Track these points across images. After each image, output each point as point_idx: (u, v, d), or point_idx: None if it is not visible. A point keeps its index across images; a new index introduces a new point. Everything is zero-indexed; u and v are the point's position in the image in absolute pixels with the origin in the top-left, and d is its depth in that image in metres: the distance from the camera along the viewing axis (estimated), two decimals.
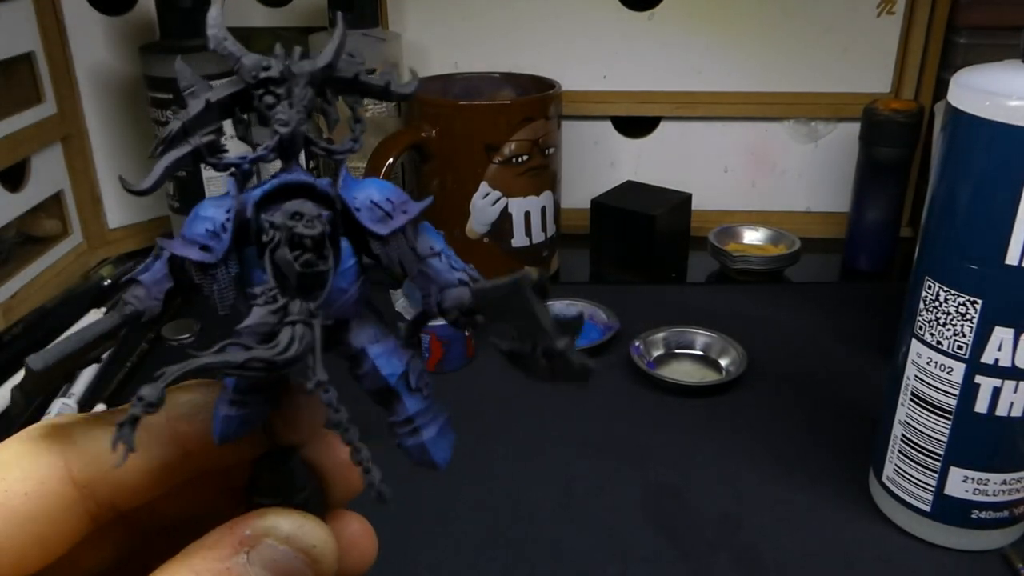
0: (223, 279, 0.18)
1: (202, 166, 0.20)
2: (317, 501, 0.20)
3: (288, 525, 0.19)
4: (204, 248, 0.18)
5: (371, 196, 0.19)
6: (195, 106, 0.18)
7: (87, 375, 0.56)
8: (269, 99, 0.19)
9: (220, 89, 0.18)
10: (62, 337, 0.17)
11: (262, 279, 0.18)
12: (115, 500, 0.20)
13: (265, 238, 0.18)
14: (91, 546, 0.21)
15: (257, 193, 0.18)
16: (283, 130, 0.19)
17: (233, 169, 0.19)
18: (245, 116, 0.19)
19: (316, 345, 0.17)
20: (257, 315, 0.17)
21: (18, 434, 0.20)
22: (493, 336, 0.21)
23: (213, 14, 0.18)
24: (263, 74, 0.18)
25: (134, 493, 0.20)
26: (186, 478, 0.21)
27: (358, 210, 0.19)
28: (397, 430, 0.21)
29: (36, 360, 0.17)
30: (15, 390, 0.18)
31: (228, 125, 0.20)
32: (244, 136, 0.19)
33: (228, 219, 0.18)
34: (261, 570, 0.18)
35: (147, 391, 0.16)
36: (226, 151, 0.18)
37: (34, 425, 0.20)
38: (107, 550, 0.22)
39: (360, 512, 0.22)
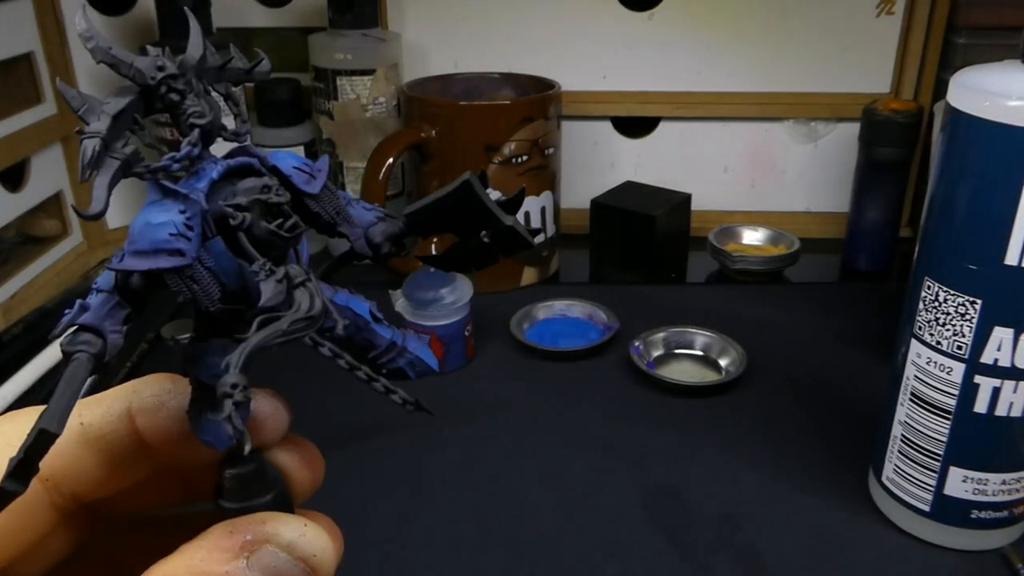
0: (202, 277, 0.18)
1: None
2: (284, 502, 0.20)
3: (289, 532, 0.18)
4: (174, 252, 0.18)
5: (292, 163, 0.21)
6: (102, 121, 0.17)
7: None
8: (173, 96, 0.19)
9: (118, 99, 0.18)
10: (55, 398, 0.17)
11: (230, 267, 0.18)
12: (77, 492, 0.20)
13: (233, 222, 0.18)
14: (56, 533, 0.21)
15: (204, 184, 0.19)
16: (201, 122, 0.19)
17: (162, 173, 0.19)
18: (140, 122, 0.19)
19: (325, 295, 0.19)
20: (269, 289, 0.18)
21: None
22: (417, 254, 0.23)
23: (83, 27, 0.18)
24: (161, 73, 0.18)
25: (95, 485, 0.20)
26: (147, 474, 0.21)
27: (290, 176, 0.20)
28: (384, 359, 0.22)
29: (52, 423, 0.16)
30: (15, 473, 0.17)
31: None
32: (154, 139, 0.19)
33: (189, 217, 0.18)
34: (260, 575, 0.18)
35: (233, 378, 0.16)
36: (143, 159, 0.18)
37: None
38: (72, 536, 0.22)
39: (329, 512, 0.22)
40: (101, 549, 0.23)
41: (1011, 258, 0.35)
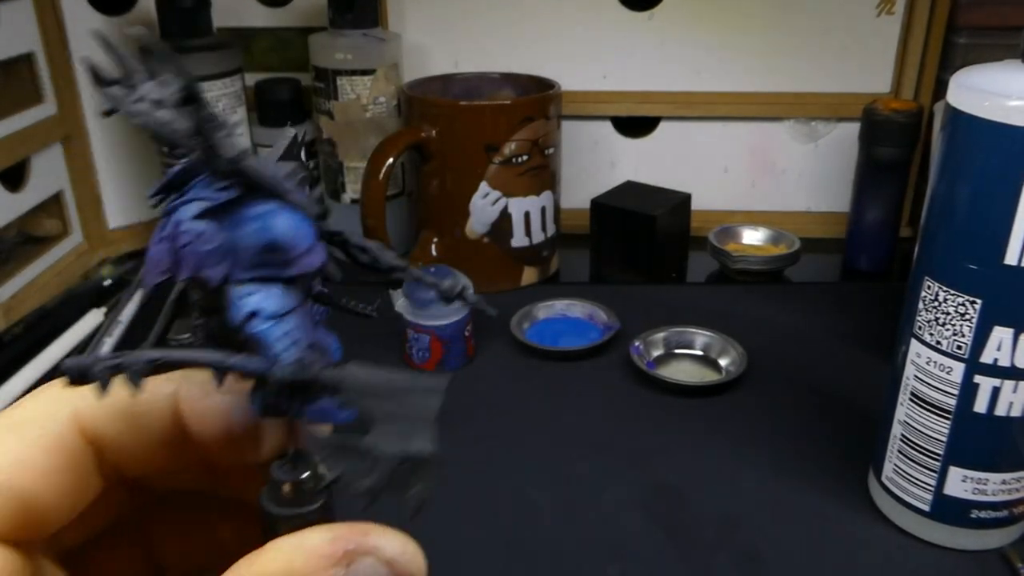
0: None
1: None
2: (330, 511, 0.20)
3: (392, 548, 0.18)
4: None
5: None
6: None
7: None
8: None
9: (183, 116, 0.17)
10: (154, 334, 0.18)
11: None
12: (119, 463, 0.21)
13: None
14: (98, 504, 0.21)
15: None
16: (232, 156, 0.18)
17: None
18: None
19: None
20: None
21: (33, 393, 0.20)
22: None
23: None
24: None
25: (135, 461, 0.21)
26: (184, 462, 0.21)
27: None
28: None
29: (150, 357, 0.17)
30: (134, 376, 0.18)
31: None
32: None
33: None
34: None
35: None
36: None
37: (47, 384, 0.20)
38: (108, 510, 0.22)
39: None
40: (131, 525, 0.23)
41: (1011, 258, 0.35)
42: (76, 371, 0.17)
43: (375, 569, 0.18)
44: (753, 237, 0.75)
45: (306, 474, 0.19)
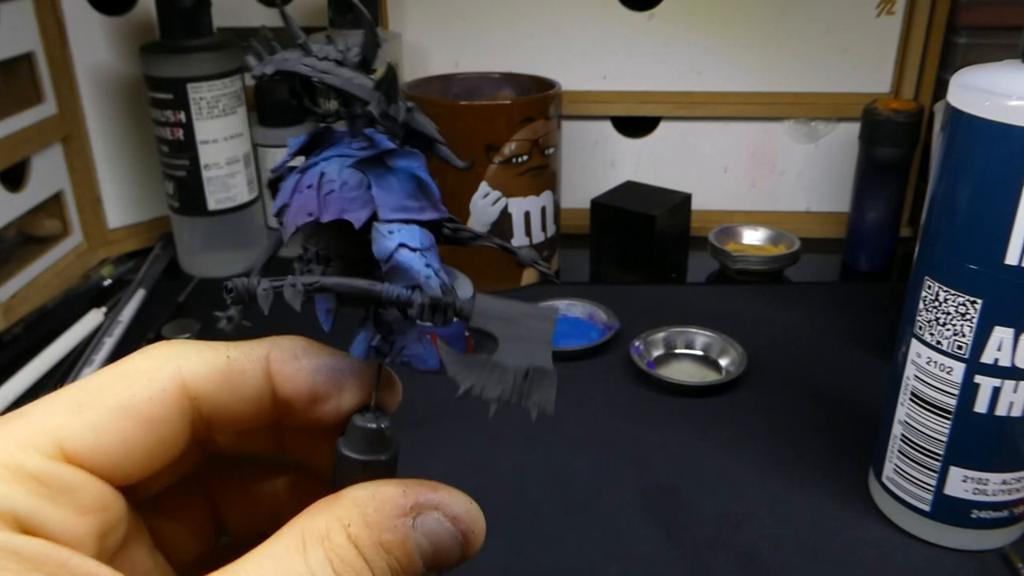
0: None
1: (203, 167, 0.21)
2: (394, 464, 0.22)
3: (457, 505, 0.21)
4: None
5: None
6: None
7: (87, 375, 0.56)
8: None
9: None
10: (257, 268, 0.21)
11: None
12: (213, 419, 0.22)
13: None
14: (176, 460, 0.22)
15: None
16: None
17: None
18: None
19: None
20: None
21: (141, 349, 0.22)
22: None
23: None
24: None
25: (225, 418, 0.22)
26: (270, 420, 0.23)
27: None
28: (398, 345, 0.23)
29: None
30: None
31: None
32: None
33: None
34: (422, 538, 0.20)
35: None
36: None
37: (156, 343, 0.22)
38: (185, 466, 0.24)
39: None
40: (198, 483, 0.25)
41: (1011, 258, 0.35)
42: (244, 290, 0.19)
43: (440, 524, 0.20)
44: (753, 237, 0.75)
45: (385, 423, 0.22)
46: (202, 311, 0.66)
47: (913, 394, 0.41)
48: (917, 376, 0.40)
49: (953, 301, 0.38)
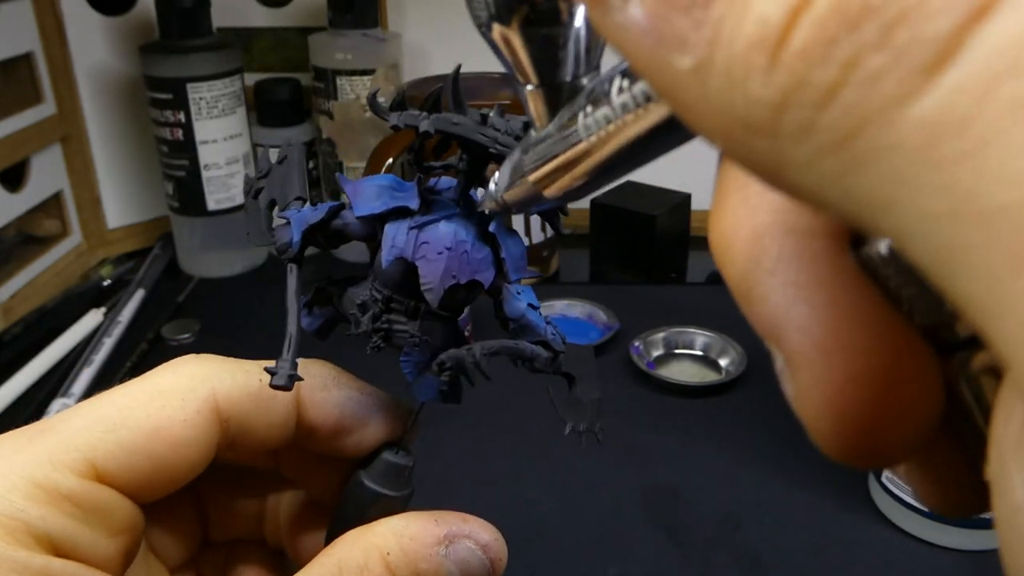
0: None
1: (203, 167, 0.21)
2: (408, 502, 0.23)
3: (487, 535, 0.22)
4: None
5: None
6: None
7: (87, 375, 0.56)
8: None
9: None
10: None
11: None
12: (237, 440, 0.22)
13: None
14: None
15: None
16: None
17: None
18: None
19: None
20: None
21: (170, 364, 0.22)
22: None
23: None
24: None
25: (251, 440, 0.22)
26: (290, 444, 0.23)
27: None
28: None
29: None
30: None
31: None
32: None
33: None
34: (453, 566, 0.21)
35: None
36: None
37: (184, 357, 0.22)
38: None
39: None
40: (190, 490, 0.24)
41: None
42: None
43: (472, 552, 0.21)
44: None
45: (412, 461, 0.24)
46: (202, 311, 0.66)
47: None
48: None
49: None
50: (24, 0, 0.65)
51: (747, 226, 0.14)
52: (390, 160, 0.63)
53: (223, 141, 0.69)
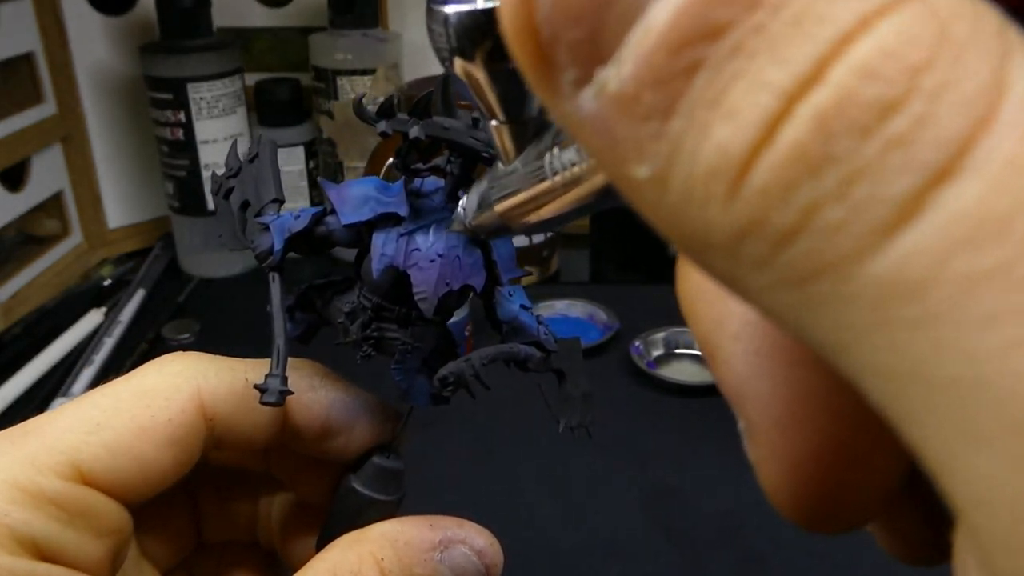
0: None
1: (203, 167, 0.21)
2: (399, 506, 0.23)
3: (482, 541, 0.22)
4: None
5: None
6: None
7: (87, 375, 0.56)
8: None
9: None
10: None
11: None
12: (222, 439, 0.22)
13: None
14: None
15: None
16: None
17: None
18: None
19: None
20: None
21: (155, 363, 0.21)
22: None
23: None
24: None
25: (236, 439, 0.22)
26: (276, 445, 0.23)
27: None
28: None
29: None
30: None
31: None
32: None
33: None
34: (448, 571, 0.21)
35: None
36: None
37: (169, 355, 0.22)
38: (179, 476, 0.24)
39: None
40: (183, 491, 0.25)
41: None
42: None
43: (466, 558, 0.21)
44: None
45: (401, 465, 0.24)
46: (202, 311, 0.66)
47: None
48: None
49: None
50: (25, 0, 0.65)
51: (712, 287, 0.13)
52: (390, 160, 0.63)
53: (223, 141, 0.69)
